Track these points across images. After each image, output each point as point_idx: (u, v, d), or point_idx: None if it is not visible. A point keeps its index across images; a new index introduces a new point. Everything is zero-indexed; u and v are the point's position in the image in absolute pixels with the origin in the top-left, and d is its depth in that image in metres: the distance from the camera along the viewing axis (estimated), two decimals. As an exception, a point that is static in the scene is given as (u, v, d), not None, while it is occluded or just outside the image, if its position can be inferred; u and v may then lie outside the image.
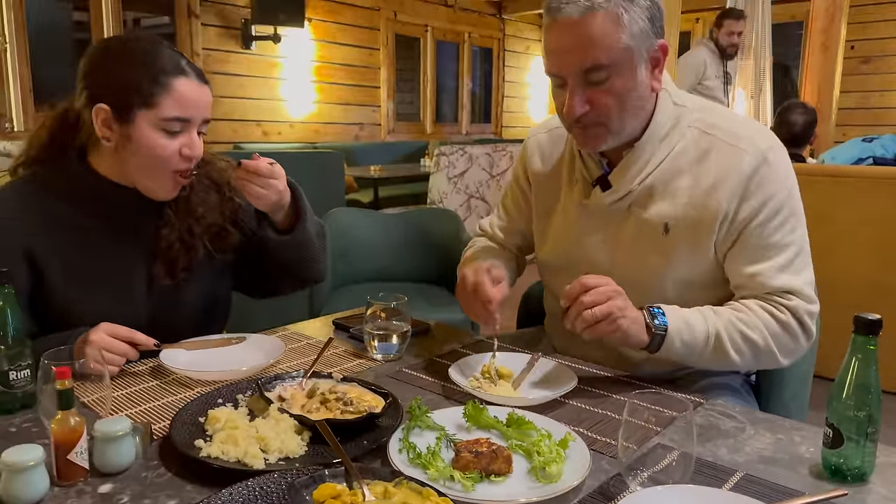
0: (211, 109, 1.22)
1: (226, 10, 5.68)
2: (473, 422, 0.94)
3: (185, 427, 0.89)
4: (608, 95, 1.07)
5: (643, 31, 1.06)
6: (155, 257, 1.24)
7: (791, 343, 1.11)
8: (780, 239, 1.11)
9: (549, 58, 1.10)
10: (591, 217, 1.22)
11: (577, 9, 1.03)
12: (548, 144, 1.34)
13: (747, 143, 1.11)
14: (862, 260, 2.80)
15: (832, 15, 4.98)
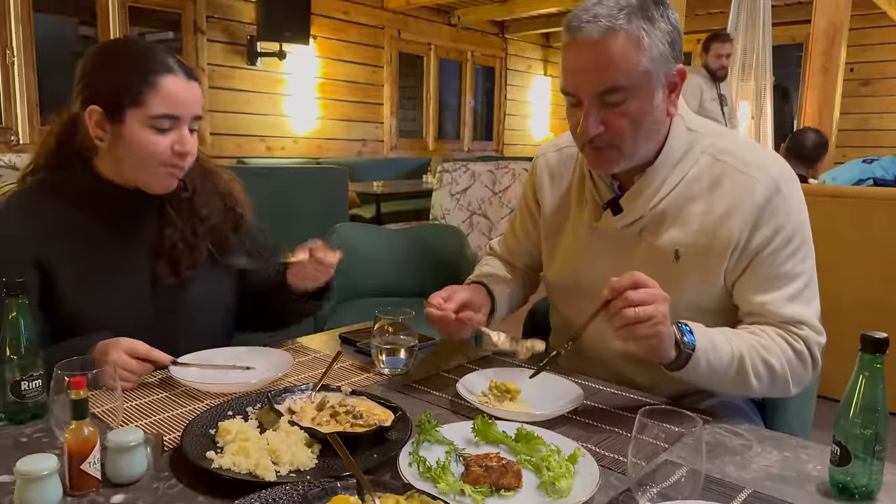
0: (201, 106, 1.24)
1: (231, 27, 5.74)
2: (482, 437, 0.95)
3: (196, 438, 0.89)
4: (623, 118, 1.06)
5: (663, 55, 1.06)
6: (159, 257, 1.25)
7: (802, 372, 1.11)
8: (790, 268, 1.10)
9: (567, 76, 1.10)
10: (600, 240, 1.22)
11: (597, 28, 1.03)
12: (557, 164, 1.34)
13: (759, 171, 1.10)
14: (864, 280, 2.81)
15: (832, 37, 5.03)
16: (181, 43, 5.50)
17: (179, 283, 1.26)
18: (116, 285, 1.23)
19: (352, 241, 2.53)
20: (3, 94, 4.62)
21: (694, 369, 1.04)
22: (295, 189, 3.20)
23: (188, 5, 5.46)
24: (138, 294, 1.25)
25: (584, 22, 1.04)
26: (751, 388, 1.08)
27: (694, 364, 1.04)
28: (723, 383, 1.08)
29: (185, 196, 1.29)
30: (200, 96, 1.23)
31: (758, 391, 1.10)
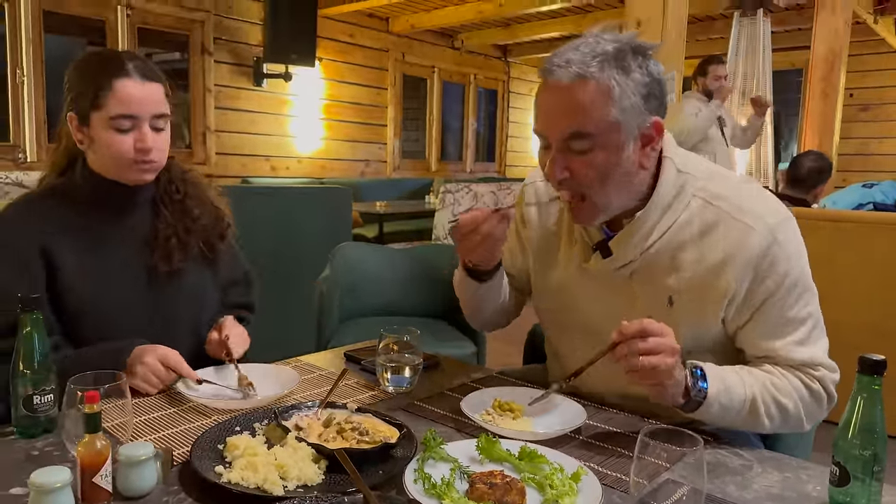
0: (163, 105, 1.28)
1: (238, 48, 5.82)
2: (486, 454, 0.96)
3: (204, 453, 0.91)
4: (589, 167, 1.04)
5: (634, 107, 1.03)
6: (153, 249, 1.33)
7: (817, 410, 1.11)
8: (797, 313, 1.09)
9: (537, 117, 1.09)
10: (591, 280, 1.19)
11: (567, 74, 1.02)
12: (545, 193, 1.31)
13: (755, 220, 1.08)
14: (863, 303, 2.82)
15: (831, 63, 5.10)
16: (188, 64, 5.57)
17: (172, 271, 1.34)
18: (115, 274, 1.30)
19: (356, 261, 2.55)
20: (12, 113, 4.68)
21: (706, 412, 1.05)
22: (299, 209, 3.23)
23: (196, 27, 5.54)
24: (135, 283, 1.32)
25: (556, 66, 1.03)
26: (763, 427, 1.09)
27: (706, 408, 1.04)
28: (734, 423, 1.08)
29: (177, 198, 1.39)
30: (159, 95, 1.28)
31: (769, 429, 1.10)
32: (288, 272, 3.15)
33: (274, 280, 3.07)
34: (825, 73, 5.12)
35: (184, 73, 5.56)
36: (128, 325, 1.29)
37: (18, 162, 4.70)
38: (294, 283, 3.13)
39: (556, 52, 1.06)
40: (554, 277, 1.26)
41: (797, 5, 5.97)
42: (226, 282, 1.49)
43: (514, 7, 6.15)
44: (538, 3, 5.98)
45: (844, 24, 5.01)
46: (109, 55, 1.29)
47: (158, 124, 1.28)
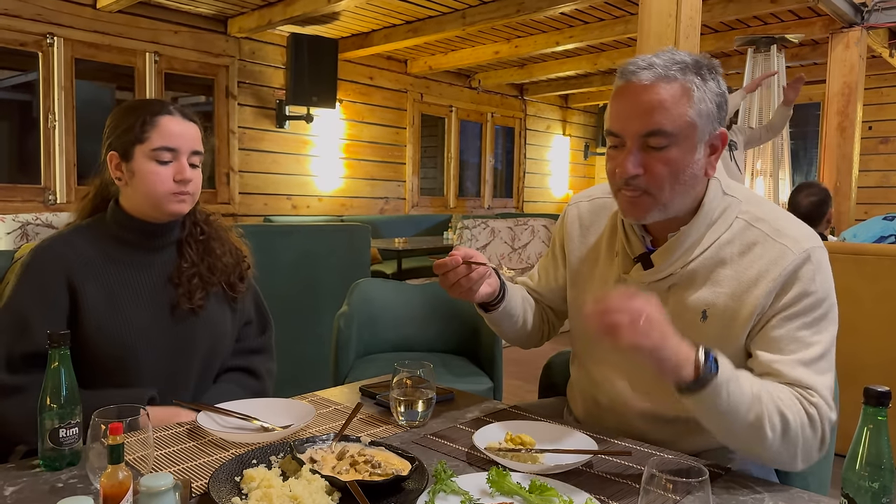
0: (199, 143, 1.40)
1: (261, 92, 5.99)
2: (497, 487, 0.97)
3: (222, 485, 0.93)
4: (663, 164, 1.08)
5: (709, 113, 1.09)
6: (176, 286, 1.40)
7: (812, 442, 1.06)
8: (806, 336, 1.09)
9: (613, 118, 1.12)
10: None
11: (651, 74, 1.07)
12: (588, 214, 1.36)
13: (792, 242, 1.11)
14: (884, 337, 2.78)
15: (847, 97, 5.11)
16: (213, 107, 5.74)
17: (194, 308, 1.40)
18: (137, 309, 1.36)
19: (373, 297, 2.59)
20: (44, 156, 4.84)
21: (715, 398, 1.00)
22: (319, 246, 3.29)
23: (220, 71, 5.72)
24: (156, 318, 1.38)
25: (640, 68, 1.08)
26: (764, 438, 1.03)
27: (714, 392, 0.99)
28: (739, 425, 1.03)
29: (201, 238, 1.46)
30: (197, 134, 1.41)
31: (768, 446, 1.04)
32: (307, 309, 3.20)
33: (293, 317, 3.12)
34: (841, 107, 5.13)
35: (209, 116, 5.72)
36: (146, 360, 1.34)
37: (48, 204, 4.84)
38: (313, 319, 3.18)
39: (634, 58, 1.12)
40: (590, 292, 1.30)
41: (812, 41, 6.02)
42: (242, 321, 1.54)
43: (529, 48, 6.28)
44: (553, 44, 6.09)
45: (859, 58, 5.04)
46: (150, 99, 1.42)
47: (195, 161, 1.39)
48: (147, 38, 5.24)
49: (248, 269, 1.55)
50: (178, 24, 5.41)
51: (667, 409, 1.14)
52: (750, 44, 5.42)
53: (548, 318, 1.48)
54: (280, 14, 5.13)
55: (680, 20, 2.88)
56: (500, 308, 1.32)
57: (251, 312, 1.57)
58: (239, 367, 1.52)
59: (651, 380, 1.13)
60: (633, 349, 0.98)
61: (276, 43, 6.02)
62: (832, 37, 5.09)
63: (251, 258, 1.57)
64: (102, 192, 1.43)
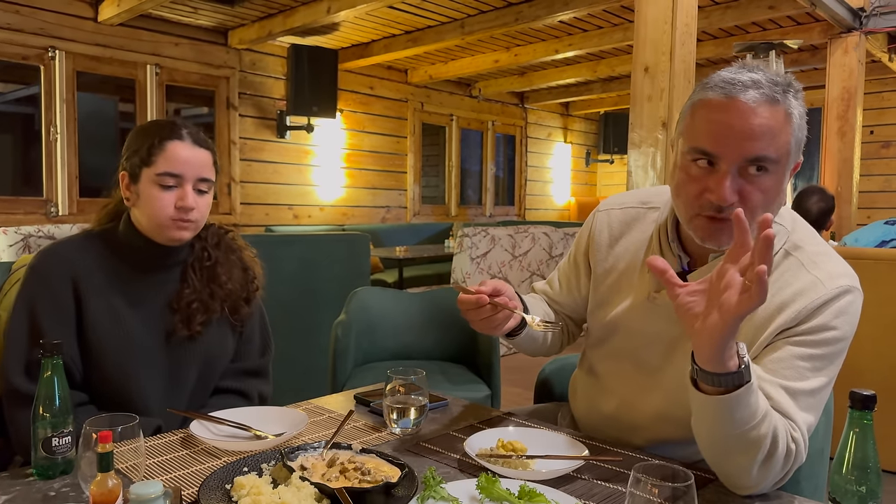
0: (208, 170, 1.38)
1: (262, 102, 6.03)
2: (486, 493, 0.98)
3: (212, 492, 0.94)
4: (760, 192, 1.01)
5: (801, 141, 1.04)
6: (175, 311, 1.40)
7: (778, 474, 1.01)
8: (804, 367, 1.04)
9: (711, 137, 1.02)
10: (656, 312, 1.18)
11: (758, 95, 0.99)
12: (619, 224, 1.30)
13: (826, 277, 1.06)
14: (884, 341, 2.78)
15: (847, 102, 5.12)
16: (214, 118, 5.78)
17: (191, 336, 1.40)
18: (136, 324, 1.37)
19: (372, 305, 2.59)
20: (46, 168, 4.88)
21: (746, 397, 0.93)
22: (319, 255, 3.30)
23: (221, 83, 5.76)
24: (154, 335, 1.38)
25: (745, 86, 1.00)
26: (753, 453, 0.97)
27: (748, 391, 0.93)
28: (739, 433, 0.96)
29: (207, 264, 1.45)
30: (207, 161, 1.39)
31: (749, 465, 0.98)
32: (307, 318, 3.21)
33: (294, 326, 3.13)
34: (841, 112, 5.13)
35: (210, 127, 5.76)
36: (144, 371, 1.36)
37: (50, 216, 4.87)
38: (313, 328, 3.19)
39: (728, 70, 1.04)
40: (618, 304, 1.25)
41: (811, 46, 6.03)
42: (244, 341, 1.53)
43: (529, 56, 6.30)
44: (552, 52, 6.12)
45: (858, 62, 5.05)
46: (168, 122, 1.40)
47: (202, 187, 1.38)
48: (148, 51, 5.28)
49: (257, 290, 1.53)
50: (179, 36, 5.46)
51: (679, 410, 1.11)
52: (749, 50, 5.42)
53: (567, 328, 1.45)
54: (280, 25, 5.17)
55: (676, 27, 2.89)
56: (523, 334, 1.29)
57: (255, 333, 1.55)
58: (232, 390, 1.49)
59: (670, 381, 1.14)
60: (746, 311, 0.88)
61: (277, 54, 6.06)
62: (831, 42, 5.10)
63: (262, 279, 1.54)
64: (119, 206, 1.43)
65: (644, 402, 1.22)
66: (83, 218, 4.91)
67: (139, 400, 1.36)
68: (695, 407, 0.99)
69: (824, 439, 1.31)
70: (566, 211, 9.59)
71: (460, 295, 1.18)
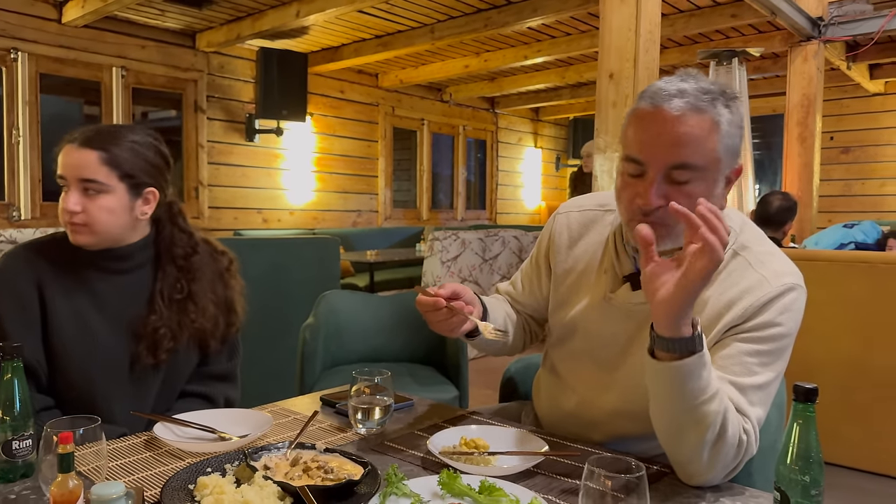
0: (93, 171, 1.32)
1: (231, 106, 5.98)
2: (448, 489, 1.00)
3: (175, 493, 0.94)
4: (685, 198, 1.03)
5: (733, 148, 1.07)
6: (139, 338, 1.38)
7: (730, 464, 1.04)
8: (752, 363, 1.08)
9: (639, 145, 1.07)
10: (612, 311, 1.22)
11: (683, 104, 1.03)
12: (577, 225, 1.34)
13: (773, 276, 1.10)
14: (841, 340, 2.87)
15: (807, 108, 5.26)
16: (182, 121, 5.72)
17: (156, 364, 1.40)
18: (102, 327, 1.36)
19: (340, 308, 2.60)
20: (7, 172, 4.78)
21: (697, 367, 0.96)
22: (288, 259, 3.29)
23: (189, 86, 5.71)
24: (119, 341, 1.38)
25: (671, 95, 1.04)
26: (701, 434, 1.00)
27: (700, 361, 0.96)
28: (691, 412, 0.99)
29: (177, 297, 1.42)
30: (90, 162, 1.32)
31: (704, 443, 1.00)
32: (276, 322, 3.19)
33: (262, 330, 3.11)
34: (801, 118, 5.27)
35: (177, 131, 5.70)
36: (108, 375, 1.36)
37: (13, 220, 4.78)
38: (282, 332, 3.17)
39: (661, 81, 1.08)
40: (577, 305, 1.29)
41: (772, 54, 6.18)
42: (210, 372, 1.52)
43: (498, 62, 6.36)
44: (522, 58, 6.18)
45: (817, 70, 5.19)
46: (80, 128, 1.38)
47: (89, 188, 1.33)
48: (114, 53, 5.21)
49: (232, 328, 1.52)
50: (146, 38, 5.40)
51: (635, 406, 1.15)
52: (712, 57, 5.55)
53: (529, 328, 1.48)
54: (249, 28, 5.15)
55: (639, 34, 2.95)
56: (480, 337, 1.30)
57: (221, 365, 1.54)
58: (197, 394, 1.49)
59: (626, 378, 1.18)
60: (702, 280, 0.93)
61: (246, 57, 6.03)
62: (791, 50, 5.24)
63: (241, 318, 1.53)
64: None
65: (602, 399, 1.25)
66: (46, 222, 4.82)
67: (103, 404, 1.35)
68: (651, 381, 1.02)
69: (776, 433, 1.35)
70: (537, 215, 9.67)
71: (419, 296, 1.21)
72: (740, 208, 5.54)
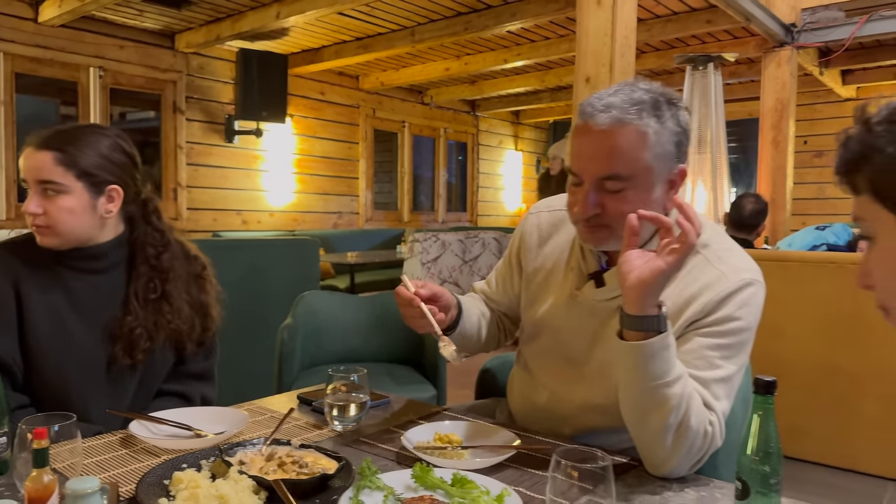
0: (49, 172, 1.32)
1: (210, 107, 5.95)
2: (421, 482, 1.02)
3: (150, 488, 0.95)
4: (621, 203, 1.09)
5: (667, 154, 1.10)
6: (115, 339, 1.38)
7: (695, 455, 1.07)
8: (713, 356, 1.11)
9: (573, 157, 1.14)
10: (578, 308, 1.26)
11: (608, 118, 1.08)
12: (547, 225, 1.38)
13: (731, 271, 1.14)
14: (810, 340, 2.93)
15: (780, 113, 5.36)
16: (161, 122, 5.68)
17: (133, 365, 1.40)
18: (78, 326, 1.36)
19: (319, 309, 2.61)
20: (-17, 173, 4.72)
21: (661, 347, 1.01)
22: (267, 260, 3.29)
23: (168, 87, 5.68)
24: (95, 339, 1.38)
25: (597, 110, 1.08)
26: (664, 417, 1.03)
27: (664, 342, 1.01)
28: (653, 395, 1.03)
29: (152, 297, 1.42)
30: (45, 163, 1.32)
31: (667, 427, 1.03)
32: (256, 324, 3.19)
33: (241, 331, 3.11)
34: (775, 122, 5.37)
35: (156, 132, 5.66)
36: (84, 374, 1.37)
37: (-12, 220, 4.72)
38: (261, 333, 3.17)
39: (594, 95, 1.13)
40: (545, 302, 1.32)
41: (747, 59, 6.29)
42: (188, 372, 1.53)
43: (479, 65, 6.40)
44: (501, 62, 6.23)
45: (790, 75, 5.29)
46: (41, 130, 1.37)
47: (49, 189, 1.33)
48: (91, 53, 5.17)
49: (212, 335, 1.52)
50: (124, 38, 5.36)
51: (604, 399, 1.19)
52: (688, 62, 5.63)
53: (503, 325, 1.51)
54: (228, 30, 5.13)
55: (615, 39, 2.99)
56: (454, 333, 1.35)
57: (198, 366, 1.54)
58: (174, 393, 1.49)
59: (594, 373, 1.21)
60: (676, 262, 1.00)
61: (225, 58, 6.01)
62: (765, 55, 5.34)
63: (217, 323, 1.53)
64: None
65: (572, 394, 1.28)
66: (22, 223, 4.76)
67: (79, 404, 1.35)
68: (618, 363, 1.07)
69: (742, 427, 1.39)
70: (517, 217, 9.73)
71: (399, 287, 1.24)
72: (716, 210, 5.63)
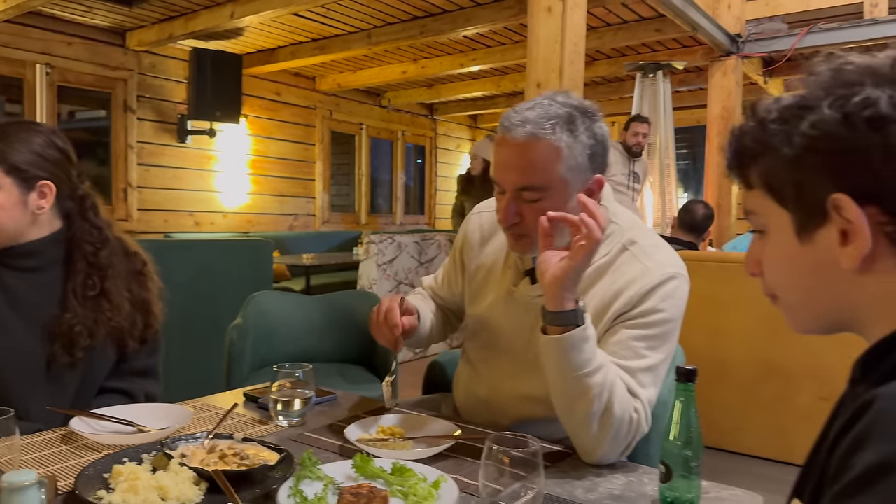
0: None
1: (162, 106, 5.86)
2: (361, 472, 1.04)
3: (89, 481, 0.96)
4: (538, 213, 1.13)
5: (580, 166, 1.16)
6: (54, 338, 1.36)
7: (622, 441, 1.12)
8: (639, 347, 1.17)
9: (494, 167, 1.22)
10: (515, 304, 1.32)
11: (523, 132, 1.14)
12: (489, 225, 1.43)
13: (656, 265, 1.20)
14: (751, 340, 3.05)
15: (726, 120, 5.53)
16: (111, 121, 5.57)
17: (73, 363, 1.38)
18: (15, 324, 1.35)
19: (270, 310, 2.60)
20: (-79, 170, 4.55)
21: (581, 340, 1.06)
22: (219, 261, 3.26)
23: (118, 85, 5.57)
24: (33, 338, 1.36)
25: (514, 124, 1.15)
26: (587, 406, 1.08)
27: (583, 334, 1.06)
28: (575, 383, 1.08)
29: (90, 294, 1.40)
30: None
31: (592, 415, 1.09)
32: (206, 325, 3.16)
33: (192, 334, 3.08)
34: (721, 129, 5.54)
35: (106, 131, 5.55)
36: (23, 373, 1.36)
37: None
38: (211, 335, 3.14)
39: (513, 109, 1.18)
40: (486, 299, 1.38)
41: (695, 67, 6.48)
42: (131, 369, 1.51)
43: (436, 69, 6.45)
44: (458, 66, 6.29)
45: (736, 84, 5.48)
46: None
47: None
48: (38, 49, 5.04)
49: (154, 332, 1.52)
50: (73, 35, 5.24)
51: (540, 390, 1.23)
52: (639, 69, 5.79)
53: (449, 320, 1.57)
54: (181, 28, 5.07)
55: (565, 46, 3.07)
56: (412, 338, 1.41)
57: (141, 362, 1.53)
58: (117, 390, 1.48)
59: (530, 366, 1.25)
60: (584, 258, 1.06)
61: (178, 57, 5.92)
62: (711, 64, 5.52)
63: (160, 319, 1.52)
64: None
65: (510, 386, 1.33)
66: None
67: (19, 403, 1.33)
68: (543, 356, 1.12)
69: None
70: (474, 220, 9.80)
71: (389, 306, 1.29)
72: (665, 215, 5.79)
